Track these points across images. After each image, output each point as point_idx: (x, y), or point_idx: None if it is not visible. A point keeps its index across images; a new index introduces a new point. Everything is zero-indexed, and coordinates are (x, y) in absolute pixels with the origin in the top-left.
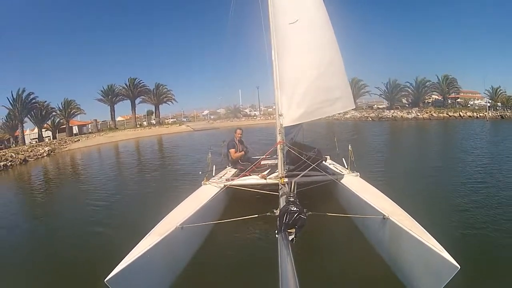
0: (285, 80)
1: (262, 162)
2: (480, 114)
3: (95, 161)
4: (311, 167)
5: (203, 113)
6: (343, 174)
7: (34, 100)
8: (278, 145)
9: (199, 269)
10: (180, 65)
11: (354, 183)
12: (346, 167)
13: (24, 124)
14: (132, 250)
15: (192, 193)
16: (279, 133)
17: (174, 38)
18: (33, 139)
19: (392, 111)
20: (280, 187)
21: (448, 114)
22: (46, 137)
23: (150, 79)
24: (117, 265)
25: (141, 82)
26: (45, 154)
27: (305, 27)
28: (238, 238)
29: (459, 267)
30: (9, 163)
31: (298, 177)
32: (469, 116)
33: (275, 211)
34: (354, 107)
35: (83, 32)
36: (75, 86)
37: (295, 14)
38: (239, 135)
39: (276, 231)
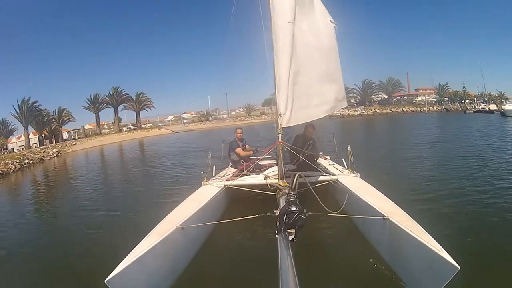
0: (281, 82)
1: (262, 162)
2: (424, 109)
3: (96, 160)
4: (310, 167)
5: (167, 119)
6: (343, 175)
7: (38, 108)
8: (278, 145)
9: (199, 269)
10: (149, 73)
11: (354, 183)
12: (346, 167)
13: (14, 132)
14: (132, 251)
15: (192, 193)
16: (279, 133)
17: (149, 43)
18: (33, 143)
19: (340, 109)
20: (280, 187)
21: (391, 110)
22: (34, 143)
23: (119, 81)
24: (117, 265)
25: (123, 91)
26: (54, 155)
27: (302, 30)
28: (238, 238)
29: (459, 267)
30: (30, 161)
31: (298, 177)
32: (412, 111)
33: (275, 211)
34: (346, 105)
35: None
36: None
37: (292, 17)
38: (240, 134)
39: (276, 231)
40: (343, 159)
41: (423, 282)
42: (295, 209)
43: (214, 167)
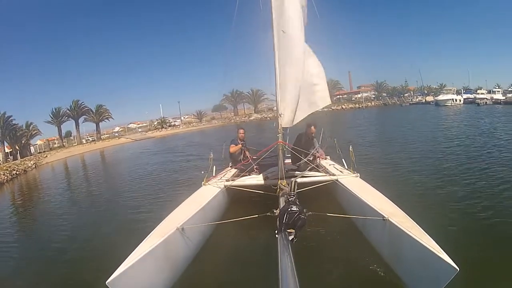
0: (282, 84)
1: (262, 162)
2: (363, 105)
3: (73, 168)
4: (310, 167)
5: (114, 130)
6: (343, 175)
7: (13, 122)
8: (278, 145)
9: (199, 270)
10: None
11: (354, 183)
12: (346, 167)
13: None
14: (133, 252)
15: (192, 194)
16: (279, 133)
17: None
18: (8, 157)
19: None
20: (280, 187)
21: (331, 108)
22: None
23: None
24: (118, 267)
25: (83, 103)
26: (33, 167)
27: (296, 36)
28: (238, 238)
29: (458, 269)
30: (17, 172)
31: (298, 177)
32: (351, 108)
33: (275, 211)
34: (330, 102)
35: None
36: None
37: (286, 23)
38: (242, 134)
39: (276, 231)
40: (343, 160)
41: (422, 284)
42: (295, 209)
43: (214, 167)
